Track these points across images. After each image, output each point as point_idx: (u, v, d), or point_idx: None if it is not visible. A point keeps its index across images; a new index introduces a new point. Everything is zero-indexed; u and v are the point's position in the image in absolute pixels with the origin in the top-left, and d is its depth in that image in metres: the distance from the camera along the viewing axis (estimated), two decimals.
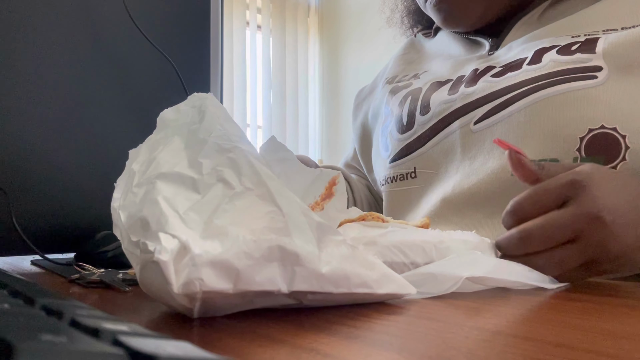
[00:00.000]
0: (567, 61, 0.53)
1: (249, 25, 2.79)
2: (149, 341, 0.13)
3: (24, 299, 0.20)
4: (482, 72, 0.60)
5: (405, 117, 0.65)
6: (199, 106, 0.32)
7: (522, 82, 0.54)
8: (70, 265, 0.44)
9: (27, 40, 0.46)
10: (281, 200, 0.26)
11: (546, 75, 0.53)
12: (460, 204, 0.56)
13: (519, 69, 0.56)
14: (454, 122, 0.59)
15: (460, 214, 0.56)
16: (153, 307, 0.29)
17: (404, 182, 0.64)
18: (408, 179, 0.63)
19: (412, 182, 0.63)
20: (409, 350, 0.20)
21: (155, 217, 0.25)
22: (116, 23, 0.50)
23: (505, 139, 0.54)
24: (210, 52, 0.58)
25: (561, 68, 0.53)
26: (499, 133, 0.54)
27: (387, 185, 0.67)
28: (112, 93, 0.50)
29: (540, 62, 0.55)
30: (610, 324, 0.25)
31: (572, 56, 0.53)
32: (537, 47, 0.57)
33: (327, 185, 0.39)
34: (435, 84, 0.65)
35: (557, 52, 0.54)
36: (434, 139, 0.61)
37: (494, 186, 0.53)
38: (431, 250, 0.37)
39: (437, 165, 0.60)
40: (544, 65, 0.54)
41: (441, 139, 0.60)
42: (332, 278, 0.26)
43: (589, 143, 0.49)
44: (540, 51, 0.56)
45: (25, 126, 0.46)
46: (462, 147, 0.58)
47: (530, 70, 0.55)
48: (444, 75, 0.66)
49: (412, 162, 0.63)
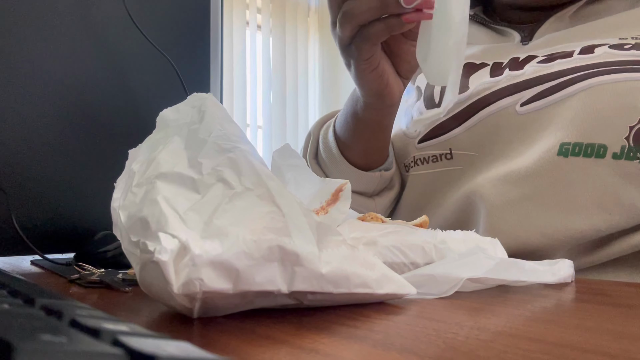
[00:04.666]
0: (622, 54, 0.53)
1: (249, 25, 2.78)
2: (149, 341, 0.13)
3: (23, 299, 0.20)
4: (525, 59, 0.59)
5: (438, 94, 0.62)
6: (198, 106, 0.32)
7: (577, 67, 0.54)
8: (70, 265, 0.44)
9: (27, 40, 0.46)
10: (281, 200, 0.26)
11: (602, 64, 0.53)
12: (499, 182, 0.54)
13: (570, 57, 0.56)
14: (497, 102, 0.57)
15: (496, 191, 0.54)
16: (153, 307, 0.29)
17: (438, 163, 0.60)
18: (443, 160, 0.60)
19: (447, 163, 0.60)
20: (409, 350, 0.20)
21: (155, 217, 0.25)
22: (116, 23, 0.50)
23: (553, 120, 0.53)
24: (210, 52, 0.57)
25: (617, 59, 0.53)
26: (548, 115, 0.54)
27: (415, 168, 0.63)
28: (112, 93, 0.50)
29: (593, 53, 0.55)
30: (610, 324, 0.25)
31: (627, 51, 0.53)
32: (583, 43, 0.57)
33: (333, 192, 0.39)
34: (469, 65, 0.62)
35: (610, 47, 0.55)
36: (472, 119, 0.58)
37: (538, 165, 0.53)
38: (431, 250, 0.37)
39: (479, 146, 0.58)
40: (598, 55, 0.54)
41: (481, 119, 0.58)
42: (332, 278, 0.26)
43: (637, 132, 0.50)
44: (590, 46, 0.56)
45: (25, 126, 0.46)
46: (506, 129, 0.56)
47: (583, 59, 0.55)
48: (477, 57, 0.64)
49: (447, 143, 0.60)
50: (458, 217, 0.58)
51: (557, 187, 0.52)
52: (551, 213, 0.52)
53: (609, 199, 0.50)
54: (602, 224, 0.50)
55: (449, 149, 0.60)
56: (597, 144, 0.51)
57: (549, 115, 0.54)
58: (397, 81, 0.52)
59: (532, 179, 0.53)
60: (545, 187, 0.52)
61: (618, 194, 0.50)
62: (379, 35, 0.46)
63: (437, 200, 0.61)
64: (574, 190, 0.51)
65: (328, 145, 0.64)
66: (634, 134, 0.50)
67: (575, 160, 0.51)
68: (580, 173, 0.51)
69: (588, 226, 0.51)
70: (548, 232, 0.52)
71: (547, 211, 0.52)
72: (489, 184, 0.55)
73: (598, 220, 0.50)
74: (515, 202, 0.53)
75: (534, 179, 0.53)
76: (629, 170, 0.50)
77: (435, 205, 0.61)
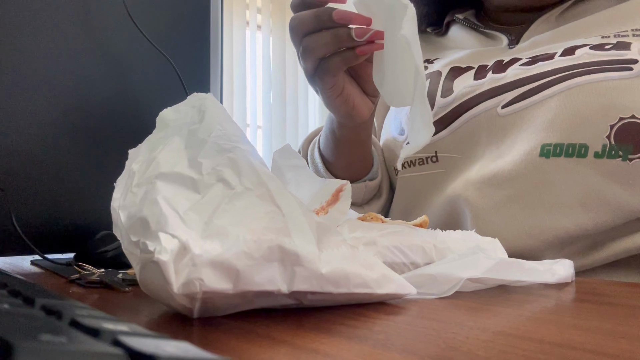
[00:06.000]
0: (602, 55, 0.54)
1: (249, 25, 2.78)
2: (149, 341, 0.13)
3: (23, 299, 0.20)
4: (508, 62, 0.60)
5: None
6: (198, 106, 0.32)
7: (557, 69, 0.55)
8: (70, 265, 0.44)
9: (26, 40, 0.46)
10: (281, 200, 0.26)
11: (581, 65, 0.54)
12: (483, 185, 0.55)
13: (551, 59, 0.56)
14: (479, 105, 0.58)
15: (481, 194, 0.55)
16: (153, 307, 0.29)
17: (424, 166, 0.61)
18: (429, 163, 0.61)
19: (433, 166, 0.61)
20: (409, 350, 0.20)
21: (155, 217, 0.25)
22: (116, 23, 0.50)
23: (534, 121, 0.54)
24: (210, 52, 0.58)
25: (596, 59, 0.53)
26: (529, 117, 0.54)
27: (403, 170, 0.64)
28: (112, 93, 0.50)
29: (573, 54, 0.55)
30: (610, 324, 0.25)
31: (607, 52, 0.54)
32: (566, 45, 0.57)
33: (333, 192, 0.39)
34: (455, 69, 0.64)
35: (590, 48, 0.55)
36: (456, 122, 0.59)
37: (520, 167, 0.53)
38: (431, 250, 0.37)
39: (461, 149, 0.59)
40: (578, 57, 0.55)
41: (464, 122, 0.59)
42: (332, 278, 0.26)
43: (618, 131, 0.50)
44: (572, 47, 0.56)
45: (25, 126, 0.46)
46: (487, 131, 0.57)
47: (564, 61, 0.55)
48: (463, 61, 0.65)
49: (432, 146, 0.61)
50: (445, 220, 0.59)
51: (541, 188, 0.52)
52: (536, 214, 0.52)
53: (593, 198, 0.51)
54: (589, 222, 0.51)
55: (435, 152, 0.61)
56: (578, 144, 0.51)
57: (530, 117, 0.54)
58: (364, 101, 0.55)
59: (515, 180, 0.53)
60: (529, 188, 0.53)
61: (602, 192, 0.50)
62: (338, 67, 0.49)
63: (424, 203, 0.62)
64: (557, 190, 0.52)
65: (315, 162, 0.67)
66: (615, 132, 0.50)
67: (557, 161, 0.52)
68: (563, 173, 0.52)
69: (574, 225, 0.51)
70: (534, 232, 0.52)
71: (532, 212, 0.53)
72: (472, 187, 0.56)
73: (584, 219, 0.51)
74: (500, 204, 0.54)
75: (518, 180, 0.53)
76: (611, 168, 0.50)
77: (422, 208, 0.61)
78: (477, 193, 0.55)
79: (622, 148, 0.50)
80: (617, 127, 0.50)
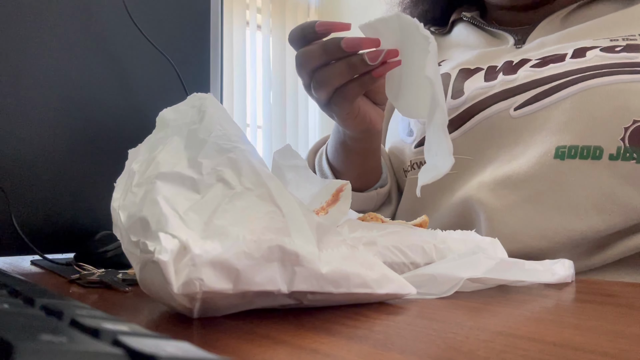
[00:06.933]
0: (613, 57, 0.54)
1: (249, 25, 2.78)
2: (149, 341, 0.13)
3: (23, 299, 0.20)
4: (518, 63, 0.60)
5: None
6: (198, 106, 0.32)
7: (569, 71, 0.55)
8: (70, 265, 0.44)
9: (26, 40, 0.46)
10: (281, 200, 0.26)
11: (594, 67, 0.54)
12: (497, 187, 0.55)
13: (562, 61, 0.56)
14: (491, 107, 0.58)
15: (495, 195, 0.55)
16: (153, 307, 0.29)
17: None
18: None
19: None
20: (409, 350, 0.20)
21: (155, 217, 0.25)
22: (116, 23, 0.50)
23: (548, 124, 0.54)
24: (210, 52, 0.57)
25: (608, 62, 0.54)
26: (542, 119, 0.54)
27: (412, 172, 0.64)
28: (112, 93, 0.50)
29: (584, 56, 0.55)
30: (610, 324, 0.25)
31: (618, 54, 0.54)
32: (576, 46, 0.57)
33: (334, 192, 0.39)
34: (464, 70, 0.63)
35: (601, 50, 0.55)
36: (467, 124, 0.59)
37: (535, 169, 0.53)
38: (431, 250, 0.37)
39: (473, 150, 0.59)
40: (589, 59, 0.55)
41: (476, 124, 0.59)
42: (332, 278, 0.26)
43: (632, 133, 0.50)
44: (582, 49, 0.56)
45: (25, 126, 0.46)
46: (500, 133, 0.57)
47: (575, 63, 0.55)
48: (471, 63, 0.65)
49: None
50: (456, 222, 0.58)
51: (556, 190, 0.52)
52: (551, 215, 0.52)
53: (607, 200, 0.51)
54: (601, 224, 0.51)
55: None
56: (592, 146, 0.51)
57: (543, 119, 0.54)
58: (376, 111, 0.55)
59: (530, 182, 0.53)
60: (544, 190, 0.53)
61: (616, 194, 0.51)
62: (356, 94, 0.48)
63: (433, 205, 0.61)
64: (572, 192, 0.52)
65: (324, 174, 0.67)
66: (629, 134, 0.51)
67: (572, 163, 0.52)
68: (578, 175, 0.52)
69: (587, 227, 0.51)
70: (549, 234, 0.52)
71: (547, 214, 0.53)
72: (486, 188, 0.55)
73: (597, 221, 0.51)
74: (515, 205, 0.54)
75: (533, 182, 0.53)
76: (625, 170, 0.50)
77: (431, 209, 0.61)
78: (491, 194, 0.55)
79: (636, 150, 0.50)
80: (631, 129, 0.50)
